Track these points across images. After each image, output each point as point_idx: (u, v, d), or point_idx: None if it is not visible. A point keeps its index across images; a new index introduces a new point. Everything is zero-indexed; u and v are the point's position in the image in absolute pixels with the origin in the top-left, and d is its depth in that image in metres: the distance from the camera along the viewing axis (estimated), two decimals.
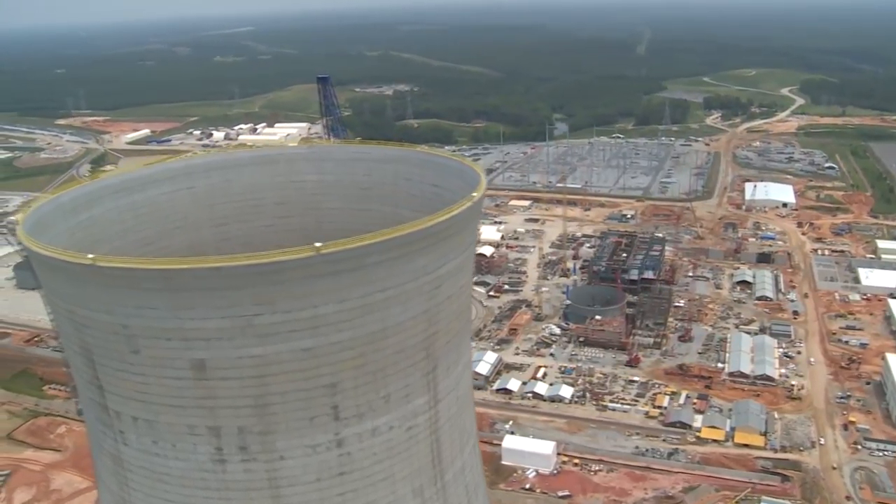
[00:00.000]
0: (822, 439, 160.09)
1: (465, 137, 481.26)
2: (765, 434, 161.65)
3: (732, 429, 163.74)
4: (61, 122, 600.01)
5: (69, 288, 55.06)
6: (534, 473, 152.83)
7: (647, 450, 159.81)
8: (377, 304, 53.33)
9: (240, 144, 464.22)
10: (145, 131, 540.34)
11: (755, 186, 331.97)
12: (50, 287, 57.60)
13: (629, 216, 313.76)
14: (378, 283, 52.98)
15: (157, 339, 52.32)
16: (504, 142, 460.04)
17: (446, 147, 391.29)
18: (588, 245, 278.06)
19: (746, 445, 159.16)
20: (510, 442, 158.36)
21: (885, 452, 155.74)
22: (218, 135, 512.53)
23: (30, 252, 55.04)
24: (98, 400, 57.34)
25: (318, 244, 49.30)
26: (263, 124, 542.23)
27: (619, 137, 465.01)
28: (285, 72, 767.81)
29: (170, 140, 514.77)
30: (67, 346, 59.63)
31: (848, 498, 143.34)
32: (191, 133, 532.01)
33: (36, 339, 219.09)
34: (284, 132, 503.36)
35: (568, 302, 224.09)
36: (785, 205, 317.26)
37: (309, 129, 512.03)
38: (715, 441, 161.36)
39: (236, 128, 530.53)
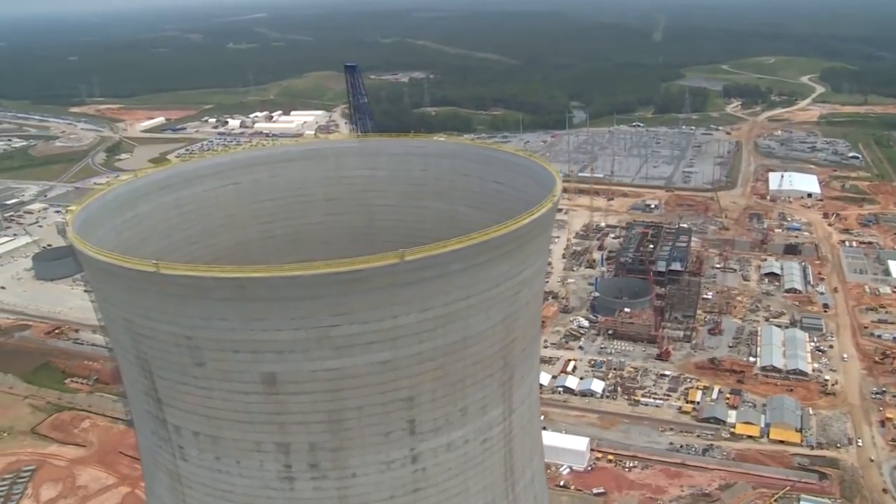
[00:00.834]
0: (859, 440, 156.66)
1: (484, 125, 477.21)
2: (801, 430, 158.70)
3: (767, 425, 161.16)
4: (75, 109, 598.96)
5: (126, 295, 51.84)
6: (567, 470, 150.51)
7: (681, 446, 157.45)
8: (459, 312, 50.25)
9: (256, 132, 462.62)
10: (160, 119, 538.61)
11: (781, 176, 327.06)
12: (103, 293, 54.41)
13: (653, 206, 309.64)
14: (462, 291, 49.87)
15: (224, 351, 49.27)
16: (523, 130, 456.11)
17: (465, 135, 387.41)
18: (613, 235, 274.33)
19: (782, 442, 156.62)
20: (543, 437, 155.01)
21: None
22: (233, 123, 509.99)
23: (82, 256, 52.06)
24: (155, 413, 54.31)
25: (402, 250, 46.28)
26: (279, 112, 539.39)
27: (638, 126, 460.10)
28: (300, 59, 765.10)
29: (185, 128, 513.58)
30: (121, 356, 56.48)
31: (885, 491, 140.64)
32: (206, 121, 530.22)
33: (56, 331, 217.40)
34: (301, 120, 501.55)
35: (596, 294, 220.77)
36: (810, 195, 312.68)
37: (329, 117, 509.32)
38: (750, 437, 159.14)
39: (252, 115, 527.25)
